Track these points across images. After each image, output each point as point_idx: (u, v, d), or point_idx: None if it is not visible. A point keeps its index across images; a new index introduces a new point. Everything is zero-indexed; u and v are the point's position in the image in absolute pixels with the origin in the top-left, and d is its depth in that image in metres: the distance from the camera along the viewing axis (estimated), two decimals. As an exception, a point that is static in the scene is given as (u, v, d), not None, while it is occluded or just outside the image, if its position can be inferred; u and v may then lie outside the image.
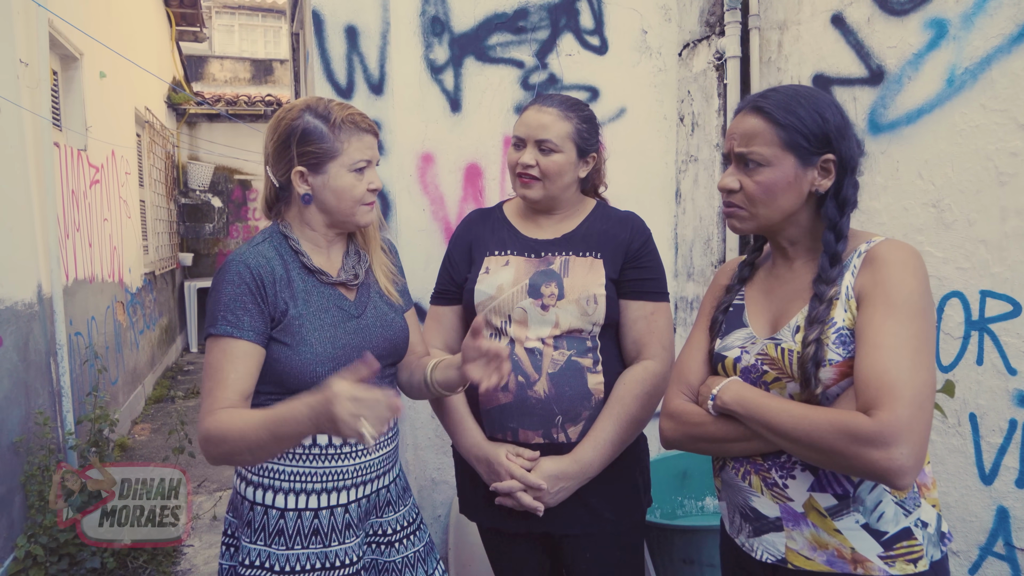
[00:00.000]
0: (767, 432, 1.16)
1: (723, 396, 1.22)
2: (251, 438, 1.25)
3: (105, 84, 5.16)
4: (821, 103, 1.21)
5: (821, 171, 1.22)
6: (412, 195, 2.65)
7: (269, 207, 1.53)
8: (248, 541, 1.41)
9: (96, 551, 3.00)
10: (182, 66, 9.46)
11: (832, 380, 1.15)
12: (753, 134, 1.22)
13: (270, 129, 1.46)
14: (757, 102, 1.24)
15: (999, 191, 1.75)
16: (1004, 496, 1.78)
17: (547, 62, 2.74)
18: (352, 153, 1.43)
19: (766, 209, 1.24)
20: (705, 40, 2.76)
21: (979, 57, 1.79)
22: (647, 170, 2.89)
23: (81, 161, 4.55)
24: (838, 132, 1.20)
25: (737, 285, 1.39)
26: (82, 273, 4.41)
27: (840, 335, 1.15)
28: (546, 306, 1.60)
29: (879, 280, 1.14)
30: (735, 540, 1.32)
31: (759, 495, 1.25)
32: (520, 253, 1.68)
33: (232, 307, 1.35)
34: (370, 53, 2.46)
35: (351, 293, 1.50)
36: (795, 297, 1.26)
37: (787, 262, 1.31)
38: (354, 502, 1.46)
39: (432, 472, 2.78)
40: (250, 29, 14.81)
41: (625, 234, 1.67)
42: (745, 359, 1.27)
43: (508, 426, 1.61)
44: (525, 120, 1.65)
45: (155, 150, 7.71)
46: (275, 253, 1.43)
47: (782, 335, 1.23)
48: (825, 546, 1.17)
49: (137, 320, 6.21)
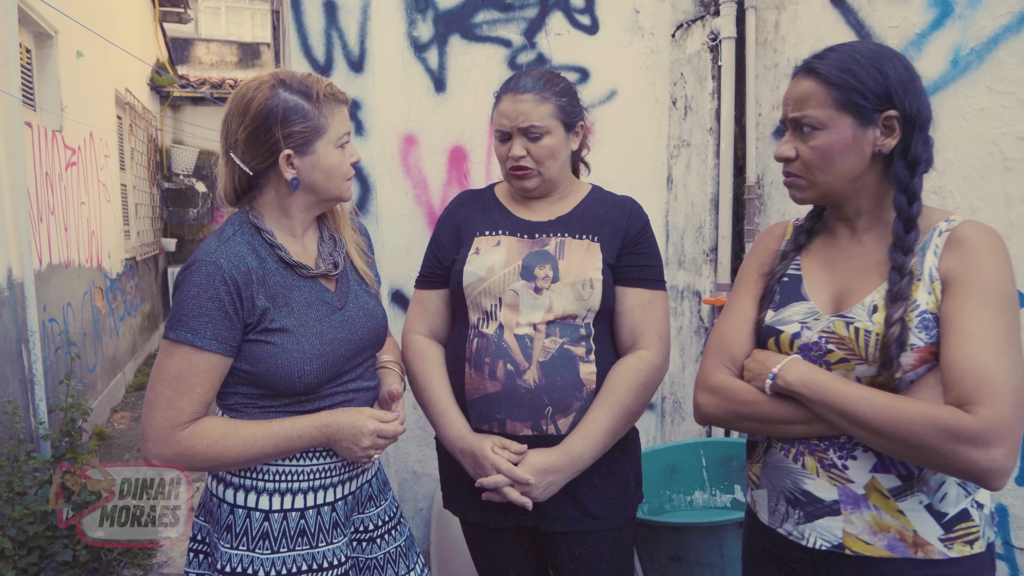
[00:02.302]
0: (840, 420, 1.09)
1: (786, 376, 1.14)
2: (252, 454, 1.28)
3: (83, 64, 5.02)
4: (881, 57, 1.13)
5: (884, 129, 1.13)
6: (394, 178, 2.55)
7: (237, 197, 1.40)
8: (228, 547, 1.32)
9: (68, 544, 2.92)
10: (167, 48, 9.28)
11: (911, 366, 1.08)
12: (806, 97, 1.16)
13: (236, 112, 1.31)
14: (811, 63, 1.17)
15: (1004, 177, 1.68)
16: (1003, 494, 1.73)
17: (535, 41, 2.64)
18: (336, 127, 1.35)
19: (824, 175, 1.17)
20: (699, 20, 2.67)
21: (986, 37, 1.71)
22: (638, 155, 2.81)
23: (56, 142, 4.41)
24: (900, 86, 1.11)
25: (793, 252, 1.29)
26: (57, 258, 4.30)
27: (924, 319, 1.08)
28: (539, 289, 1.53)
29: (970, 265, 1.07)
30: (777, 530, 1.23)
31: (814, 477, 1.17)
32: (512, 233, 1.61)
33: (199, 314, 1.24)
34: (350, 29, 2.36)
35: (331, 283, 1.43)
36: (867, 273, 1.17)
37: (853, 234, 1.23)
38: (341, 499, 1.40)
39: (414, 464, 2.70)
40: (237, 12, 14.60)
41: (623, 219, 1.61)
42: (806, 335, 1.18)
43: (495, 417, 1.53)
44: (503, 112, 1.57)
45: (137, 133, 7.55)
46: (248, 248, 1.32)
47: (855, 313, 1.14)
48: (887, 529, 1.11)
49: (117, 306, 6.09)
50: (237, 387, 1.32)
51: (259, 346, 1.29)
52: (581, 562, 1.58)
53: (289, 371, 1.29)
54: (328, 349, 1.34)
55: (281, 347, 1.29)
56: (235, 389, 1.32)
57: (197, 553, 1.39)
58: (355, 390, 1.42)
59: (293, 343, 1.30)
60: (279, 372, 1.29)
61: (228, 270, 1.26)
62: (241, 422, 1.30)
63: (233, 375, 1.31)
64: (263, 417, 1.32)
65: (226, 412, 1.35)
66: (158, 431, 1.24)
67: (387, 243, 2.53)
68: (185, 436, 1.25)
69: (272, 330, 1.29)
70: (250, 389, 1.32)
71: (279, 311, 1.31)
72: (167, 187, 9.25)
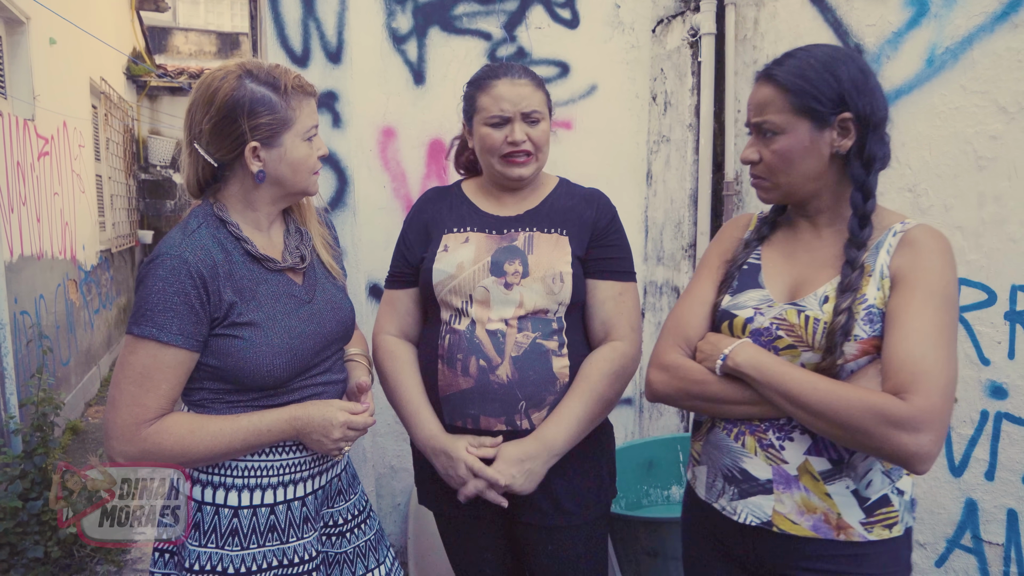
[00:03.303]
0: (784, 401, 1.15)
1: (736, 357, 1.20)
2: (220, 450, 1.26)
3: (56, 52, 4.92)
4: (835, 61, 1.18)
5: (840, 131, 1.19)
6: (372, 171, 2.53)
7: (201, 189, 1.37)
8: (196, 544, 1.30)
9: (40, 540, 2.87)
10: (144, 37, 9.11)
11: (853, 356, 1.15)
12: (765, 103, 1.22)
13: (201, 102, 1.28)
14: (770, 69, 1.23)
15: (977, 176, 1.70)
16: (973, 488, 1.75)
17: (516, 34, 2.63)
18: (304, 120, 1.33)
19: (786, 177, 1.23)
20: (680, 16, 2.67)
21: (960, 36, 1.73)
22: (617, 150, 2.80)
23: (28, 132, 4.33)
24: (854, 88, 1.17)
25: (755, 242, 1.35)
26: (29, 249, 4.22)
27: (870, 312, 1.15)
28: (509, 284, 1.52)
29: (919, 265, 1.14)
30: (713, 504, 1.30)
31: (752, 456, 1.23)
32: (481, 230, 1.60)
33: (165, 308, 1.21)
34: (327, 19, 2.33)
35: (298, 277, 1.41)
36: (823, 266, 1.24)
37: (814, 229, 1.29)
38: (311, 494, 1.39)
39: (391, 459, 2.69)
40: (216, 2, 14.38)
41: (591, 212, 1.61)
42: (758, 321, 1.24)
43: (468, 413, 1.52)
44: (502, 95, 1.54)
45: (112, 123, 7.43)
46: (214, 242, 1.29)
47: (807, 303, 1.20)
48: (814, 510, 1.18)
49: (92, 299, 5.99)
50: (204, 382, 1.30)
51: (226, 341, 1.27)
52: (554, 558, 1.58)
53: (257, 365, 1.27)
54: (297, 343, 1.32)
55: (249, 341, 1.27)
56: (201, 384, 1.30)
57: (163, 552, 1.36)
58: (324, 383, 1.41)
59: (261, 337, 1.28)
60: (247, 367, 1.27)
61: (194, 264, 1.24)
62: (208, 417, 1.28)
63: (199, 370, 1.28)
64: (231, 412, 1.31)
65: (192, 408, 1.32)
66: (123, 429, 1.22)
67: (364, 236, 2.50)
68: (151, 433, 1.22)
69: (240, 324, 1.28)
70: (217, 384, 1.30)
71: (246, 305, 1.29)
72: (144, 178, 9.11)
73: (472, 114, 1.60)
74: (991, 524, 1.72)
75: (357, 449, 2.49)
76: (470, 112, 1.61)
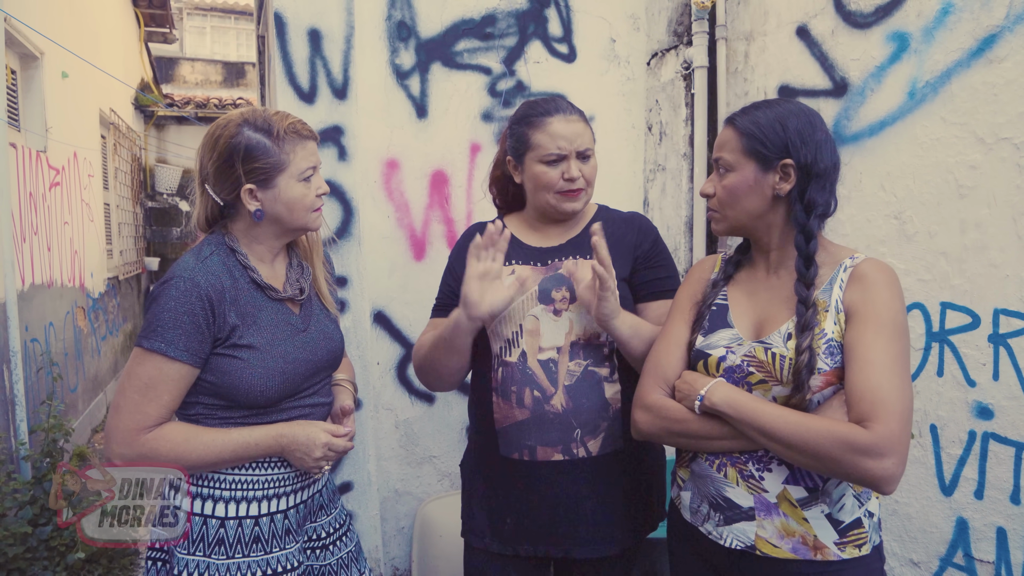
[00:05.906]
0: (759, 436, 1.22)
1: (712, 397, 1.27)
2: (211, 459, 1.36)
3: (68, 84, 5.04)
4: (789, 115, 1.30)
5: (782, 175, 1.30)
6: (376, 202, 2.61)
7: (210, 224, 1.49)
8: (184, 553, 1.38)
9: (48, 566, 2.90)
10: (151, 68, 9.29)
11: (819, 387, 1.23)
12: (724, 143, 1.36)
13: (206, 147, 1.42)
14: (733, 116, 1.36)
15: (959, 204, 1.76)
16: (964, 507, 1.79)
17: (515, 69, 2.72)
18: (299, 162, 1.43)
19: (732, 211, 1.35)
20: (673, 50, 2.76)
21: (940, 71, 1.80)
22: (615, 179, 2.88)
23: (40, 163, 4.42)
24: (799, 139, 1.28)
25: (722, 282, 1.44)
26: (40, 277, 4.29)
27: (830, 345, 1.23)
28: (558, 311, 1.56)
29: (869, 299, 1.23)
30: (699, 528, 1.38)
31: (734, 486, 1.31)
32: (525, 262, 1.63)
33: (174, 326, 1.32)
34: (334, 57, 2.42)
35: (296, 307, 1.52)
36: (782, 304, 1.32)
37: (769, 268, 1.38)
38: (293, 507, 1.48)
39: (395, 483, 2.73)
40: (222, 31, 14.63)
41: (632, 235, 1.65)
42: (730, 359, 1.32)
43: (525, 444, 1.55)
44: (560, 133, 1.55)
45: (121, 152, 7.55)
46: (223, 268, 1.40)
47: (772, 340, 1.28)
48: (793, 534, 1.26)
49: (99, 326, 6.06)
50: (200, 396, 1.39)
51: (226, 360, 1.37)
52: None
53: (252, 385, 1.37)
54: (290, 367, 1.42)
55: (247, 362, 1.37)
56: (197, 399, 1.39)
57: (155, 561, 1.45)
58: (311, 405, 1.50)
59: (259, 360, 1.38)
60: (243, 385, 1.37)
61: (204, 287, 1.34)
62: (202, 428, 1.38)
63: (198, 385, 1.38)
64: (222, 427, 1.40)
65: (186, 421, 1.41)
66: (124, 433, 1.31)
67: (369, 265, 2.57)
68: (149, 439, 1.32)
69: (240, 346, 1.38)
70: (212, 400, 1.39)
71: (247, 329, 1.39)
72: (150, 206, 9.22)
73: (524, 151, 1.61)
74: (982, 542, 1.76)
75: (362, 473, 2.53)
76: (521, 150, 1.61)
